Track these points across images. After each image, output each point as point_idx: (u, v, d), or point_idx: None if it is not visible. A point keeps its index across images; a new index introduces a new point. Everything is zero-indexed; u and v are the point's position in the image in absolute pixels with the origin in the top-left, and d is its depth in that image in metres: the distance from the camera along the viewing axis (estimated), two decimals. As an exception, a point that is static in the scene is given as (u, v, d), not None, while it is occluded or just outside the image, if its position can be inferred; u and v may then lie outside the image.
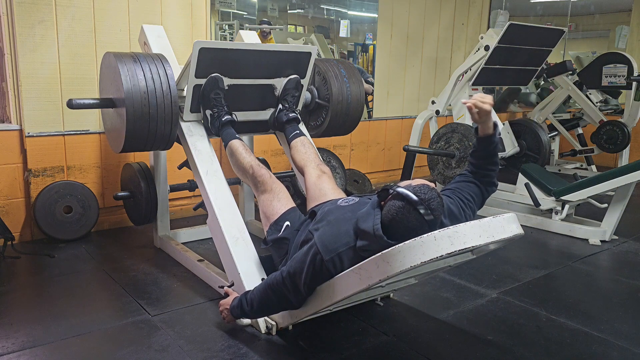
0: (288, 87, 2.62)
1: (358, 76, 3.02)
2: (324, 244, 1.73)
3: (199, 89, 2.42)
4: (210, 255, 2.74)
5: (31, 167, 2.99)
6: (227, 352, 1.90)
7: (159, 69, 2.34)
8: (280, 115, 2.63)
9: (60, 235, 3.04)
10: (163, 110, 2.33)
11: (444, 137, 3.89)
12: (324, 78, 2.91)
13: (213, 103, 2.44)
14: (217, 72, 2.40)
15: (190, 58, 2.33)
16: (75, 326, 2.07)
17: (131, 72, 2.26)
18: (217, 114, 2.45)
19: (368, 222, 1.66)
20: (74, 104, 2.39)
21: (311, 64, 2.68)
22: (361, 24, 5.18)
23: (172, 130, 2.40)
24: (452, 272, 2.69)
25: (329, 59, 3.08)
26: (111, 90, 2.40)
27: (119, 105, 2.34)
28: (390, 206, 1.63)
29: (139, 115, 2.28)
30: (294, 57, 2.61)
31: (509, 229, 1.64)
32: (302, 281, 1.77)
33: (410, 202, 1.59)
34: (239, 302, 1.96)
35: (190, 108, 2.48)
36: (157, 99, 2.30)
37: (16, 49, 2.85)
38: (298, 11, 4.68)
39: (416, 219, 1.59)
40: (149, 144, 2.41)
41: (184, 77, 2.46)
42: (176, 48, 2.99)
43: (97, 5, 3.05)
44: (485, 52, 3.90)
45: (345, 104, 2.92)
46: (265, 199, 2.20)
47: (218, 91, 2.43)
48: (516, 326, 2.17)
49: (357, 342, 2.00)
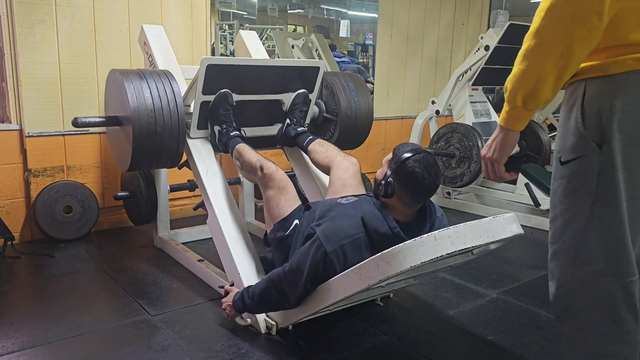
0: (296, 101, 2.59)
1: (366, 89, 2.99)
2: (327, 237, 1.75)
3: (206, 105, 2.39)
4: (210, 255, 2.73)
5: (31, 167, 2.99)
6: (227, 352, 1.90)
7: (165, 86, 2.30)
8: (288, 130, 2.59)
9: (60, 235, 3.04)
10: (170, 128, 2.29)
11: (444, 137, 3.89)
12: (331, 91, 2.87)
13: (222, 119, 2.40)
14: (225, 88, 2.37)
15: (197, 74, 2.30)
16: (75, 326, 2.07)
17: (137, 90, 2.23)
18: (226, 130, 2.41)
19: (383, 226, 1.74)
20: (79, 123, 2.37)
21: (319, 79, 2.65)
22: (361, 24, 5.19)
23: (179, 148, 2.36)
24: (452, 272, 2.69)
25: (337, 72, 3.05)
26: (117, 107, 2.37)
27: (125, 123, 2.31)
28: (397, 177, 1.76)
29: (146, 133, 2.24)
30: (302, 72, 2.58)
31: (509, 229, 1.65)
32: (305, 276, 1.78)
33: (406, 158, 1.75)
34: (241, 296, 1.97)
35: (197, 125, 2.44)
36: (164, 117, 2.27)
37: (16, 49, 2.85)
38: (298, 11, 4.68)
39: (418, 166, 1.74)
40: (155, 162, 2.37)
41: (190, 94, 2.43)
42: (176, 48, 2.99)
43: (97, 5, 3.05)
44: (485, 52, 3.90)
45: (354, 118, 2.88)
46: (273, 195, 2.11)
47: (227, 107, 2.40)
48: (516, 326, 2.17)
49: (357, 342, 2.00)
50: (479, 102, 4.20)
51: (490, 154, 1.35)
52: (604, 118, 1.16)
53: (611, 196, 1.18)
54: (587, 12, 1.10)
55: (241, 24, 4.04)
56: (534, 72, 1.17)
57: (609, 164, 1.17)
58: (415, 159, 1.74)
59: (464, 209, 4.02)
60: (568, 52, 1.13)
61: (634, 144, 1.16)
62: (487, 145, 1.36)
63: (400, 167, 1.75)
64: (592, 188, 1.19)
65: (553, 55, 1.14)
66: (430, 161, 1.77)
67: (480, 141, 3.67)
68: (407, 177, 1.75)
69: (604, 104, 1.16)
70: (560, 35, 1.12)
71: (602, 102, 1.16)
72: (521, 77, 1.19)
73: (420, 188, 1.77)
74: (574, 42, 1.12)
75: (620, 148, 1.16)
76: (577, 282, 1.24)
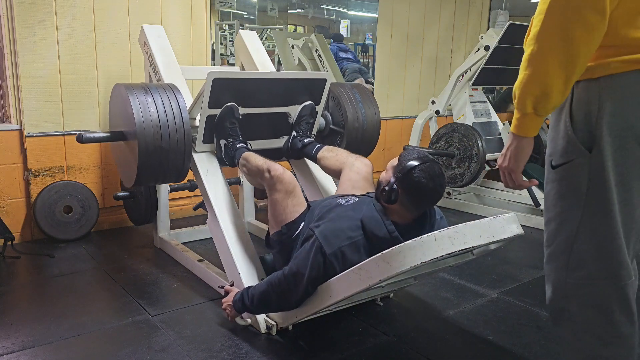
0: (303, 114, 2.56)
1: (373, 100, 2.98)
2: (326, 238, 1.76)
3: (212, 119, 2.36)
4: (210, 255, 2.73)
5: (31, 167, 2.99)
6: (227, 352, 1.90)
7: (171, 101, 2.27)
8: (294, 142, 2.56)
9: (60, 235, 3.04)
10: (176, 142, 2.26)
11: (444, 137, 3.90)
12: (338, 103, 2.86)
13: (228, 132, 2.37)
14: (231, 101, 2.34)
15: (203, 88, 2.26)
16: (75, 326, 2.07)
17: (143, 105, 2.20)
18: (232, 143, 2.38)
19: (381, 229, 1.74)
20: (84, 139, 2.34)
21: (326, 90, 2.62)
22: (361, 24, 5.19)
23: (184, 163, 2.33)
24: (452, 272, 2.69)
25: (344, 84, 3.03)
26: (122, 122, 2.34)
27: (130, 138, 2.28)
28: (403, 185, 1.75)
29: (152, 149, 2.20)
30: (308, 84, 2.55)
31: (509, 229, 1.65)
32: (305, 278, 1.78)
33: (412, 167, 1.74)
34: (241, 296, 1.97)
35: (203, 139, 2.41)
36: (169, 132, 2.23)
37: (16, 49, 2.85)
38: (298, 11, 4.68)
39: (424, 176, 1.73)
40: (161, 177, 2.35)
41: (195, 107, 2.41)
42: (176, 48, 2.99)
43: (97, 5, 3.05)
44: (485, 52, 3.90)
45: (361, 129, 2.86)
46: (280, 199, 2.03)
47: (234, 120, 2.37)
48: (516, 326, 2.17)
49: (357, 342, 2.00)
50: (479, 102, 4.20)
51: (506, 163, 1.31)
52: (592, 122, 1.15)
53: (602, 200, 1.17)
54: (583, 12, 1.07)
55: (241, 24, 4.04)
56: (539, 77, 1.15)
57: (599, 168, 1.16)
58: (421, 169, 1.73)
59: (464, 209, 4.02)
60: (571, 54, 1.11)
61: (624, 147, 1.15)
62: (502, 155, 1.32)
63: (405, 176, 1.74)
64: (583, 192, 1.19)
65: (556, 59, 1.12)
66: (437, 171, 1.75)
67: (480, 141, 3.67)
68: (411, 187, 1.74)
69: (592, 108, 1.15)
70: (560, 38, 1.11)
71: (590, 106, 1.15)
72: (528, 83, 1.17)
73: (424, 198, 1.77)
74: (575, 43, 1.10)
75: (612, 151, 1.15)
76: (571, 286, 1.24)
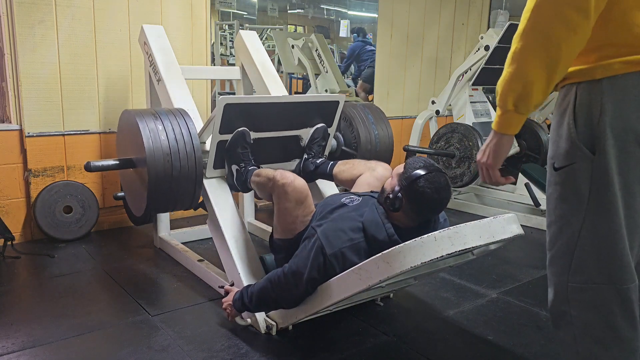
0: (315, 136, 2.54)
1: (385, 120, 2.97)
2: (328, 239, 1.76)
3: (223, 144, 2.33)
4: (210, 255, 2.73)
5: (31, 167, 2.99)
6: (227, 352, 1.90)
7: (181, 127, 2.23)
8: (306, 164, 2.54)
9: (60, 235, 3.04)
10: (187, 170, 2.21)
11: (444, 137, 3.90)
12: (350, 124, 2.84)
13: (240, 158, 2.33)
14: (242, 126, 2.31)
15: (214, 114, 2.24)
16: (75, 326, 2.07)
17: (153, 132, 2.16)
18: (244, 168, 2.34)
19: (381, 233, 1.75)
20: (92, 167, 2.31)
21: (339, 112, 2.59)
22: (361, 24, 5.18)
23: (196, 190, 2.28)
24: (452, 272, 2.69)
25: (355, 104, 3.01)
26: (131, 149, 2.31)
27: (139, 165, 2.25)
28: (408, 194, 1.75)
29: (162, 177, 2.16)
30: (321, 107, 2.52)
31: (509, 229, 1.65)
32: (305, 277, 1.78)
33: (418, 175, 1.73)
34: (241, 295, 1.98)
35: (214, 165, 2.37)
36: (180, 159, 2.19)
37: (16, 49, 2.84)
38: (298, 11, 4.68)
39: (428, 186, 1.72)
40: (172, 205, 2.31)
41: (206, 132, 2.38)
42: (176, 48, 2.99)
43: (97, 5, 3.05)
44: (485, 52, 3.90)
45: (374, 151, 2.84)
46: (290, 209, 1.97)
47: (245, 145, 2.33)
48: (516, 326, 2.17)
49: (357, 342, 2.00)
50: (479, 102, 4.20)
51: (485, 159, 1.31)
52: (595, 124, 1.14)
53: (604, 203, 1.16)
54: (565, 10, 1.06)
55: (241, 24, 4.04)
56: (522, 75, 1.14)
57: (602, 171, 1.15)
58: (426, 179, 1.72)
59: (464, 209, 4.02)
60: (554, 53, 1.10)
61: (626, 149, 1.13)
62: (482, 150, 1.33)
63: (410, 185, 1.74)
64: (585, 195, 1.17)
65: (539, 58, 1.11)
66: (442, 182, 1.74)
67: (480, 141, 3.67)
68: (416, 196, 1.74)
69: (594, 110, 1.14)
70: (544, 36, 1.09)
71: (592, 108, 1.14)
72: (510, 81, 1.17)
73: (427, 208, 1.77)
74: (557, 42, 1.08)
75: (615, 153, 1.13)
76: (572, 290, 1.23)
